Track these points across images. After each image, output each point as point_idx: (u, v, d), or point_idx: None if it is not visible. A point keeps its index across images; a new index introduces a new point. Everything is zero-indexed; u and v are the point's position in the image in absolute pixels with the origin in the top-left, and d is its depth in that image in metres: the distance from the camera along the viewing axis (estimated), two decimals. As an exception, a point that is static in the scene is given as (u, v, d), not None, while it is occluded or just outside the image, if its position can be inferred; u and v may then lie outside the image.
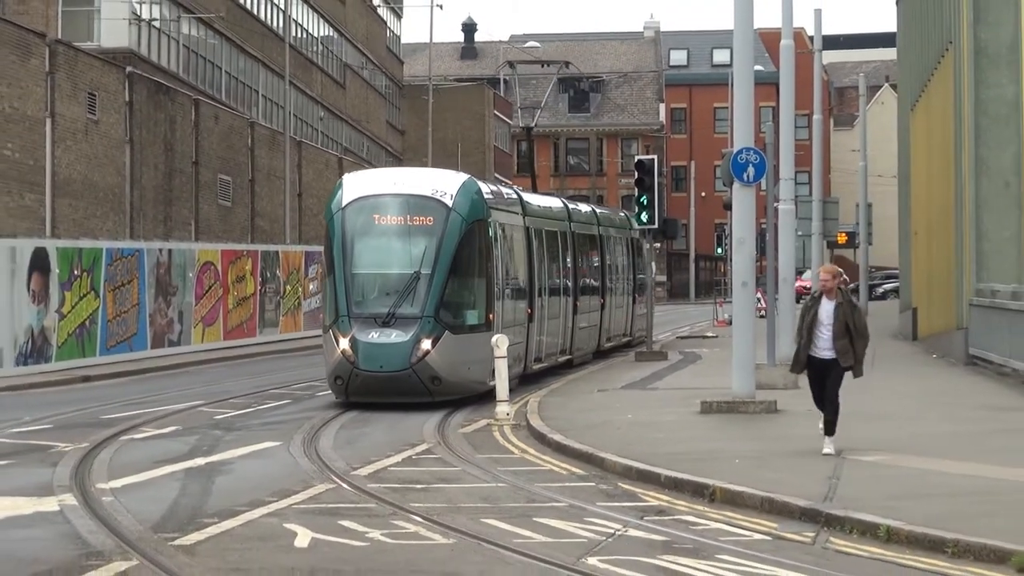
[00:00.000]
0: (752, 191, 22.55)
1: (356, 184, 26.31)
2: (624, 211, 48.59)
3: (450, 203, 25.50)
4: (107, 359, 34.59)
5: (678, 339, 46.15)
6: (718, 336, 44.40)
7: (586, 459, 17.69)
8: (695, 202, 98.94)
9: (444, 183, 26.05)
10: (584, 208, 38.69)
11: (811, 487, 14.51)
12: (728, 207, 28.75)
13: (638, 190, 34.63)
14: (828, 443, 16.96)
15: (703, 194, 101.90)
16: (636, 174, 34.80)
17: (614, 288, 39.52)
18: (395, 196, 25.88)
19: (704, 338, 45.46)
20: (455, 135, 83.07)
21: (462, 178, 26.76)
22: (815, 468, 15.90)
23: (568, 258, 33.98)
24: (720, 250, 68.41)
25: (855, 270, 66.10)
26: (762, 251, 32.82)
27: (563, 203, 35.89)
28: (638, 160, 35.43)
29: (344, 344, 24.73)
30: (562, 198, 39.04)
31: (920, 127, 41.13)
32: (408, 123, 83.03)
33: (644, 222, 34.42)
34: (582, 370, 33.11)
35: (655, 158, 35.79)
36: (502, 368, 22.82)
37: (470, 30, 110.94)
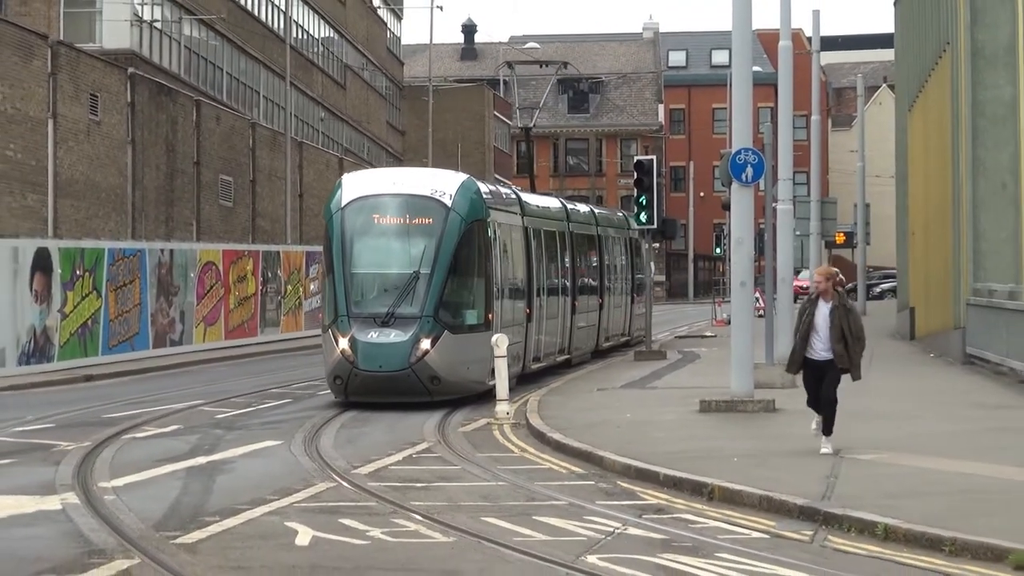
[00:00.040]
0: (751, 191, 22.59)
1: (355, 184, 26.27)
2: (622, 211, 48.64)
3: (449, 203, 25.49)
4: (109, 359, 34.66)
5: (677, 338, 46.14)
6: (716, 336, 44.37)
7: (585, 458, 17.74)
8: (694, 202, 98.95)
9: (443, 183, 26.04)
10: (582, 208, 38.70)
11: (809, 486, 14.53)
12: (727, 207, 28.79)
13: (637, 190, 34.71)
14: (826, 442, 16.98)
15: (702, 194, 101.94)
16: (635, 174, 34.87)
17: (612, 288, 39.52)
18: (394, 196, 25.85)
19: (703, 337, 45.47)
20: (455, 136, 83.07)
21: (461, 178, 26.75)
22: (813, 467, 15.94)
23: (566, 258, 33.96)
24: (719, 250, 68.45)
25: (853, 270, 66.13)
26: (760, 251, 32.94)
27: (561, 203, 35.91)
28: (637, 160, 35.51)
29: (343, 344, 24.70)
30: (560, 198, 39.07)
31: (918, 128, 41.17)
32: (408, 124, 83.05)
33: (643, 222, 34.49)
34: (581, 369, 33.13)
35: (654, 158, 35.91)
36: (502, 367, 22.82)
37: (470, 31, 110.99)
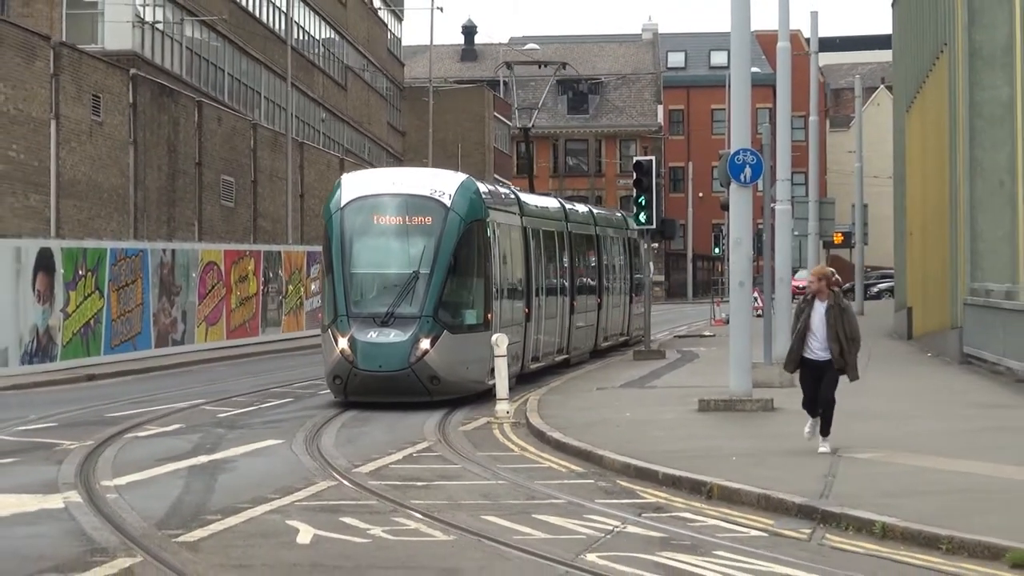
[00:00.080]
0: (749, 192, 22.65)
1: (355, 184, 26.28)
2: (621, 211, 48.67)
3: (448, 203, 25.50)
4: (111, 358, 34.71)
5: (676, 338, 46.18)
6: (715, 335, 44.40)
7: (585, 457, 17.79)
8: (693, 202, 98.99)
9: (442, 183, 26.04)
10: (581, 208, 38.74)
11: (807, 484, 14.58)
12: (725, 207, 28.85)
13: (636, 191, 34.79)
14: (824, 442, 17.02)
15: (701, 195, 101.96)
16: (634, 175, 34.95)
17: (611, 288, 39.54)
18: (394, 196, 25.86)
19: (701, 337, 45.51)
20: (455, 136, 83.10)
21: (460, 178, 26.77)
22: (811, 466, 15.98)
23: (565, 258, 33.98)
24: (717, 250, 68.50)
25: (851, 270, 66.21)
26: (759, 251, 32.99)
27: (560, 203, 35.95)
28: (636, 161, 35.59)
29: (343, 344, 24.71)
30: (559, 198, 39.13)
31: (915, 128, 41.24)
32: (409, 124, 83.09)
33: (643, 222, 34.56)
34: (580, 369, 33.16)
35: (653, 159, 35.99)
36: (502, 367, 22.83)
37: (470, 32, 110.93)
